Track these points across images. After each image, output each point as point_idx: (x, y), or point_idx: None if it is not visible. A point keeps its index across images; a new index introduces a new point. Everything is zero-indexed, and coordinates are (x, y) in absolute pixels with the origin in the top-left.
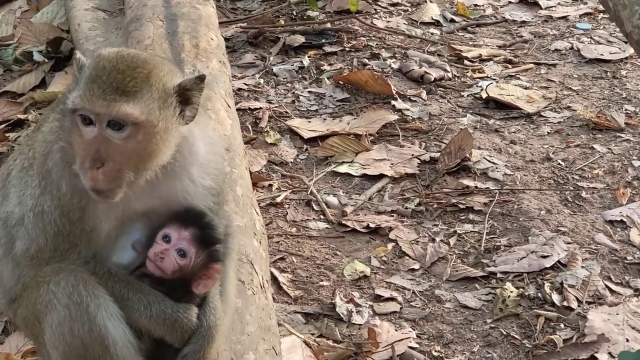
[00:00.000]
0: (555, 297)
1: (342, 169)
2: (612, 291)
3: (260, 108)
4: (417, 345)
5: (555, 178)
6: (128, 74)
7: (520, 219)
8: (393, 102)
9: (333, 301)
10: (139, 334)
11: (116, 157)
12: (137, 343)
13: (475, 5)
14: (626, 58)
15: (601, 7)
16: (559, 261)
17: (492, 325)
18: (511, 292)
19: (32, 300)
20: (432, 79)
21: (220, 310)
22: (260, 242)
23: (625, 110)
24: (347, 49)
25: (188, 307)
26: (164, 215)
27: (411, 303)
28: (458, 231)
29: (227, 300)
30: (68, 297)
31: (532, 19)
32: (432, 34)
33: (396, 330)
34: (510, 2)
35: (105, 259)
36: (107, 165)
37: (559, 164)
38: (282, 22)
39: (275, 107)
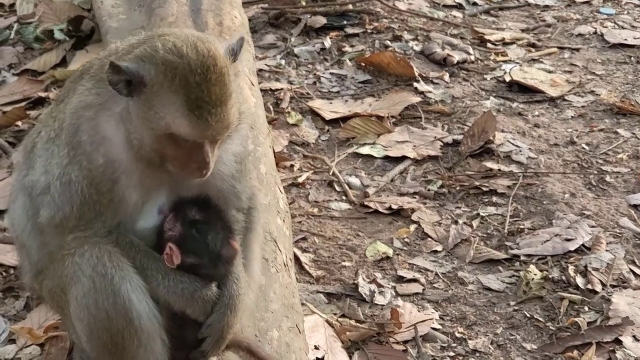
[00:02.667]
0: (580, 280)
1: (364, 150)
2: (636, 275)
3: (282, 89)
4: (439, 327)
5: (579, 162)
6: (220, 82)
7: (544, 202)
8: (415, 85)
9: (355, 281)
10: (160, 312)
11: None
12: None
13: None
14: None
15: None
16: (583, 244)
17: (516, 308)
18: (535, 274)
19: (58, 273)
20: (455, 62)
21: (244, 281)
22: (283, 220)
23: None
24: (369, 31)
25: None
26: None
27: (434, 284)
28: (481, 214)
29: (251, 274)
30: (93, 268)
31: (556, 3)
32: (454, 16)
33: (419, 311)
34: None
35: (130, 225)
36: (212, 160)
37: (583, 148)
38: (304, 3)
39: (297, 88)
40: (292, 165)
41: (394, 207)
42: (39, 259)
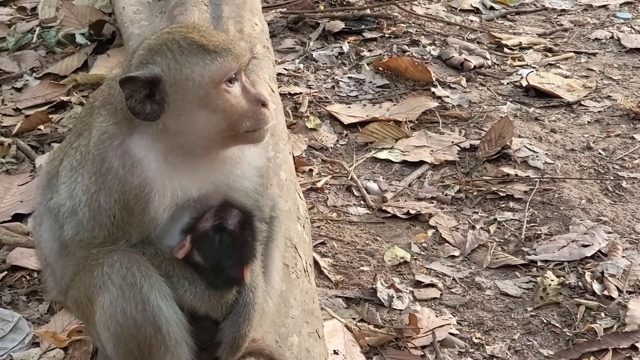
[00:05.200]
0: (596, 286)
1: (382, 155)
2: None
3: (300, 93)
4: (457, 332)
5: (596, 167)
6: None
7: (561, 208)
8: (433, 89)
9: (374, 286)
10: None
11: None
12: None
13: None
14: None
15: None
16: (599, 250)
17: (533, 314)
18: (552, 280)
19: (86, 283)
20: (472, 67)
21: (262, 290)
22: (303, 226)
23: None
24: (387, 36)
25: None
26: (213, 200)
27: (451, 290)
28: (498, 219)
29: (270, 283)
30: (122, 278)
31: (572, 7)
32: (471, 21)
33: (436, 317)
34: None
35: (154, 243)
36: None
37: (600, 153)
38: (322, 8)
39: (315, 92)
40: (310, 170)
41: (412, 212)
42: (63, 276)
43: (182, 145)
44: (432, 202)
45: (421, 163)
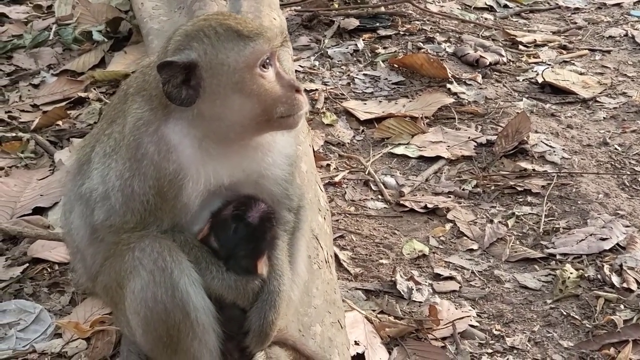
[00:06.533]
0: (615, 279)
1: (399, 150)
2: None
3: (316, 90)
4: (477, 324)
5: (612, 162)
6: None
7: (579, 202)
8: (448, 86)
9: (393, 279)
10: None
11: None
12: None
13: None
14: None
15: None
16: (617, 244)
17: (552, 306)
18: (571, 273)
19: (116, 268)
20: (488, 63)
21: (288, 278)
22: (324, 217)
23: None
24: (402, 33)
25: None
26: (243, 187)
27: (470, 282)
28: (516, 213)
29: (297, 272)
30: (154, 262)
31: (586, 5)
32: (485, 19)
33: (456, 309)
34: None
35: (184, 229)
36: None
37: (616, 148)
38: (337, 6)
39: (331, 89)
40: (328, 165)
41: (430, 206)
42: (93, 262)
43: (216, 131)
44: (450, 197)
45: (438, 158)
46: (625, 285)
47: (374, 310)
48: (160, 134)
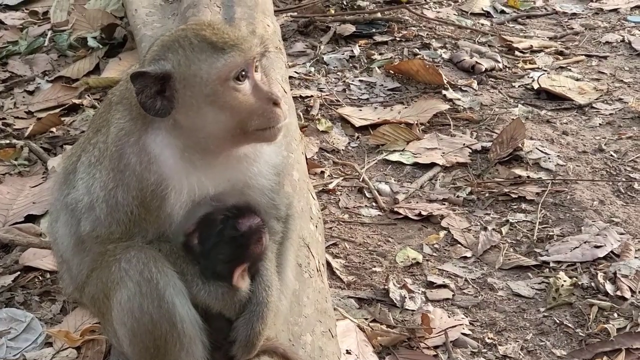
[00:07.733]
0: (609, 287)
1: (394, 157)
2: None
3: (311, 96)
4: (470, 332)
5: (608, 169)
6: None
7: (573, 209)
8: (444, 92)
9: (386, 287)
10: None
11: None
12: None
13: None
14: None
15: None
16: (612, 251)
17: (545, 314)
18: (564, 281)
19: (103, 279)
20: (483, 69)
21: (276, 289)
22: (316, 226)
23: None
24: (398, 39)
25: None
26: (229, 197)
27: (463, 290)
28: (510, 220)
29: (285, 282)
30: (140, 273)
31: (583, 11)
32: (482, 24)
33: (449, 317)
34: None
35: (170, 239)
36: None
37: (611, 155)
38: (333, 12)
39: (326, 95)
40: (322, 172)
41: (424, 213)
42: (79, 272)
43: (195, 141)
44: (444, 204)
45: (432, 165)
46: (619, 293)
47: (366, 319)
48: (142, 144)
